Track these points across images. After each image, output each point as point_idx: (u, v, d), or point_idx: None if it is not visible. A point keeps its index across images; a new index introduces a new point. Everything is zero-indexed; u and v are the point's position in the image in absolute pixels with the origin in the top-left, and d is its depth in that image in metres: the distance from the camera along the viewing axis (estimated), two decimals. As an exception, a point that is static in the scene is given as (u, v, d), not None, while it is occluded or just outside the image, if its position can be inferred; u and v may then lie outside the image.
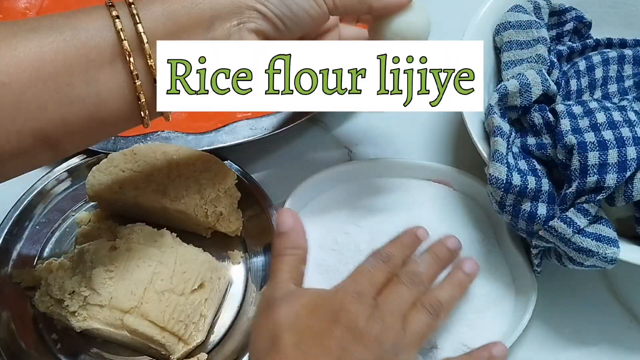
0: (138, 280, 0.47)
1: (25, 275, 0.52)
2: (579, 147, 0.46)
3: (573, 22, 0.59)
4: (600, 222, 0.46)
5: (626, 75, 0.57)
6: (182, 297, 0.47)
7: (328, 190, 0.57)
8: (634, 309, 0.53)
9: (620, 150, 0.46)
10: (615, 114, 0.49)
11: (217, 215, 0.54)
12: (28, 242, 0.55)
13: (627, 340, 0.52)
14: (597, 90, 0.57)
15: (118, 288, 0.47)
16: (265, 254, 0.55)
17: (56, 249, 0.56)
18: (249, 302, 0.53)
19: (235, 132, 0.59)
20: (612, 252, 0.45)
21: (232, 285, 0.54)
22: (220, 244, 0.56)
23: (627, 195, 0.46)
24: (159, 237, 0.49)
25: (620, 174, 0.45)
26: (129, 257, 0.48)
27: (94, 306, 0.46)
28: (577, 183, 0.46)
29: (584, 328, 0.52)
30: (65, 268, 0.49)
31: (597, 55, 0.57)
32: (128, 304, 0.46)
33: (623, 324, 0.53)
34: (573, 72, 0.55)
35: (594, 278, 0.55)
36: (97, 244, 0.50)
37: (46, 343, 0.50)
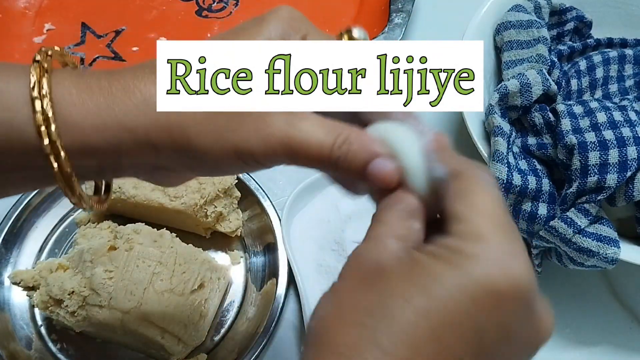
0: (138, 280, 0.47)
1: (25, 275, 0.52)
2: (580, 147, 0.46)
3: (574, 22, 0.59)
4: (600, 222, 0.46)
5: (627, 75, 0.57)
6: (181, 297, 0.47)
7: (328, 191, 0.57)
8: (634, 309, 0.53)
9: (621, 150, 0.45)
10: (616, 114, 0.49)
11: (217, 215, 0.53)
12: (28, 242, 0.55)
13: (628, 340, 0.52)
14: (598, 90, 0.56)
15: (118, 288, 0.46)
16: (265, 254, 0.55)
17: (56, 249, 0.56)
18: (249, 302, 0.53)
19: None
20: (613, 253, 0.45)
21: (232, 285, 0.54)
22: (220, 244, 0.56)
23: (628, 195, 0.46)
24: (159, 237, 0.49)
25: (620, 174, 0.45)
26: (128, 257, 0.48)
27: (93, 306, 0.46)
28: (577, 183, 0.46)
29: (584, 328, 0.52)
30: (65, 268, 0.49)
31: (597, 55, 0.57)
32: (128, 304, 0.46)
33: (623, 324, 0.53)
34: (574, 72, 0.55)
35: (594, 278, 0.54)
36: (97, 244, 0.50)
37: (46, 343, 0.50)
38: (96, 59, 0.69)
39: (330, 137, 0.29)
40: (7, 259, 0.54)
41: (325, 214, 0.56)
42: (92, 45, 0.70)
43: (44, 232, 0.56)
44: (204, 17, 0.73)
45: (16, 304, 0.52)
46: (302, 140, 0.28)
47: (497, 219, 0.26)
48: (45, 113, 0.27)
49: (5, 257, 0.54)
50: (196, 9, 0.74)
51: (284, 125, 0.28)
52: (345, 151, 0.29)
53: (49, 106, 0.27)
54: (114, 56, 0.70)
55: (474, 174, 0.28)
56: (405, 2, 0.68)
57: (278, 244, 0.53)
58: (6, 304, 0.52)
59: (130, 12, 0.74)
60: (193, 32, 0.72)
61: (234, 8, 0.74)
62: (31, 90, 0.27)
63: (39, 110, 0.27)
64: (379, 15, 0.71)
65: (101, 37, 0.71)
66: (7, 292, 0.53)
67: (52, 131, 0.27)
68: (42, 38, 0.71)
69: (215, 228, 0.54)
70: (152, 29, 0.72)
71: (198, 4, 0.74)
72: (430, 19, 0.72)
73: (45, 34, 0.72)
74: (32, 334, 0.51)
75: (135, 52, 0.70)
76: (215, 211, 0.53)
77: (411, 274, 0.25)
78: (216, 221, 0.54)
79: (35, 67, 0.28)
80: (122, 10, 0.74)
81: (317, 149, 0.29)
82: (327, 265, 0.52)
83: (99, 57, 0.69)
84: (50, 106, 0.27)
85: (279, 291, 0.51)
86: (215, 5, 0.74)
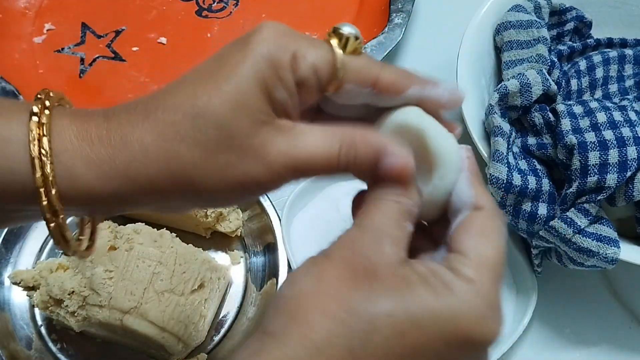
0: (138, 280, 0.47)
1: (25, 275, 0.52)
2: (580, 147, 0.46)
3: (574, 22, 0.59)
4: (600, 222, 0.46)
5: (627, 75, 0.57)
6: (181, 297, 0.47)
7: (328, 191, 0.57)
8: (634, 309, 0.53)
9: (621, 150, 0.45)
10: (616, 114, 0.49)
11: (217, 215, 0.53)
12: (28, 242, 0.55)
13: (627, 340, 0.52)
14: (598, 90, 0.56)
15: (118, 288, 0.46)
16: (265, 254, 0.55)
17: (56, 249, 0.56)
18: (249, 302, 0.53)
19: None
20: (613, 252, 0.45)
21: (232, 285, 0.54)
22: (220, 244, 0.56)
23: (628, 195, 0.46)
24: (159, 237, 0.49)
25: (620, 174, 0.45)
26: (128, 257, 0.48)
27: (93, 306, 0.46)
28: (577, 183, 0.46)
29: (584, 328, 0.52)
30: (65, 268, 0.49)
31: (597, 55, 0.57)
32: (128, 304, 0.46)
33: (623, 324, 0.53)
34: (573, 72, 0.55)
35: (594, 278, 0.55)
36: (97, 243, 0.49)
37: (46, 343, 0.50)
38: (96, 59, 0.69)
39: (334, 146, 0.28)
40: (7, 258, 0.54)
41: (325, 214, 0.56)
42: (92, 45, 0.70)
43: (44, 232, 0.56)
44: (204, 17, 0.73)
45: (16, 304, 0.52)
46: (305, 158, 0.28)
47: (494, 270, 0.27)
48: (45, 174, 0.27)
49: (5, 257, 0.54)
50: (196, 9, 0.74)
51: (284, 148, 0.28)
52: (353, 156, 0.29)
53: (49, 167, 0.27)
54: (114, 56, 0.70)
55: (493, 216, 0.28)
56: (405, 2, 0.68)
57: (278, 244, 0.53)
58: (6, 304, 0.52)
59: (130, 12, 0.73)
60: (193, 32, 0.72)
61: (234, 8, 0.73)
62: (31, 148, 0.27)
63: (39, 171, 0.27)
64: (379, 15, 0.71)
65: (101, 37, 0.71)
66: (7, 292, 0.53)
67: (52, 195, 0.27)
68: (42, 38, 0.71)
69: (215, 228, 0.54)
70: (152, 29, 0.72)
71: (198, 4, 0.74)
72: (430, 19, 0.72)
73: (45, 34, 0.72)
74: (32, 333, 0.51)
75: (135, 52, 0.70)
76: (215, 211, 0.53)
77: (400, 292, 0.25)
78: (216, 221, 0.54)
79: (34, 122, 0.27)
80: (122, 10, 0.74)
81: (323, 161, 0.28)
82: (327, 265, 0.52)
83: (99, 57, 0.69)
84: (50, 168, 0.27)
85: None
86: (215, 5, 0.74)
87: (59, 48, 0.70)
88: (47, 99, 0.28)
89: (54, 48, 0.70)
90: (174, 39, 0.71)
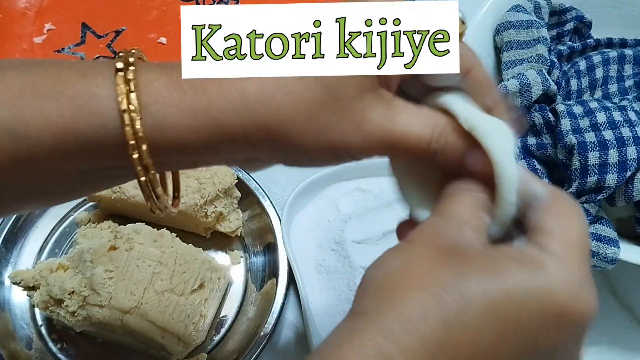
0: (138, 280, 0.47)
1: (25, 275, 0.52)
2: (579, 147, 0.46)
3: (573, 22, 0.59)
4: (600, 222, 0.46)
5: (626, 75, 0.57)
6: (181, 297, 0.47)
7: (328, 191, 0.57)
8: (634, 309, 0.53)
9: (621, 150, 0.45)
10: (616, 114, 0.49)
11: (217, 215, 0.53)
12: (28, 242, 0.55)
13: (627, 340, 0.52)
14: (598, 90, 0.56)
15: (118, 288, 0.46)
16: (265, 254, 0.55)
17: (56, 249, 0.56)
18: (249, 302, 0.53)
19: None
20: (613, 252, 0.45)
21: (232, 285, 0.54)
22: (220, 244, 0.56)
23: (628, 195, 0.46)
24: (159, 237, 0.49)
25: (620, 174, 0.45)
26: (128, 257, 0.48)
27: (93, 306, 0.46)
28: (577, 183, 0.46)
29: (584, 328, 0.52)
30: (65, 268, 0.49)
31: (597, 55, 0.57)
32: (128, 304, 0.46)
33: (623, 324, 0.53)
34: (573, 72, 0.55)
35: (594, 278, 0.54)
36: (97, 244, 0.50)
37: (46, 343, 0.50)
38: (96, 59, 0.69)
39: (427, 130, 0.29)
40: (8, 258, 0.54)
41: (325, 214, 0.56)
42: (92, 45, 0.70)
43: (44, 232, 0.56)
44: (204, 17, 0.73)
45: (16, 304, 0.52)
46: (400, 135, 0.28)
47: (582, 249, 0.27)
48: (135, 129, 0.27)
49: (5, 257, 0.54)
50: (196, 9, 0.74)
51: (383, 120, 0.28)
52: (443, 144, 0.29)
53: (139, 122, 0.27)
54: (114, 56, 0.69)
55: (571, 200, 0.28)
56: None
57: (278, 244, 0.53)
58: (6, 304, 0.52)
59: (130, 12, 0.74)
60: (193, 32, 0.72)
61: (234, 8, 0.74)
62: (119, 102, 0.27)
63: (128, 124, 0.27)
64: (379, 15, 0.71)
65: (101, 37, 0.71)
66: (7, 292, 0.53)
67: (142, 150, 0.27)
68: (42, 38, 0.71)
69: (216, 228, 0.54)
70: (152, 29, 0.72)
71: (198, 4, 0.74)
72: (430, 19, 0.72)
73: (45, 34, 0.72)
74: (33, 333, 0.51)
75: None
76: (215, 211, 0.53)
77: (489, 268, 0.25)
78: (216, 221, 0.54)
79: (120, 77, 0.27)
80: (122, 10, 0.74)
81: (416, 143, 0.29)
82: (327, 265, 0.52)
83: (99, 57, 0.69)
84: (140, 123, 0.27)
85: (279, 291, 0.51)
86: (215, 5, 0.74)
87: (59, 48, 0.70)
88: (129, 56, 0.29)
89: (54, 48, 0.70)
90: (174, 39, 0.71)
